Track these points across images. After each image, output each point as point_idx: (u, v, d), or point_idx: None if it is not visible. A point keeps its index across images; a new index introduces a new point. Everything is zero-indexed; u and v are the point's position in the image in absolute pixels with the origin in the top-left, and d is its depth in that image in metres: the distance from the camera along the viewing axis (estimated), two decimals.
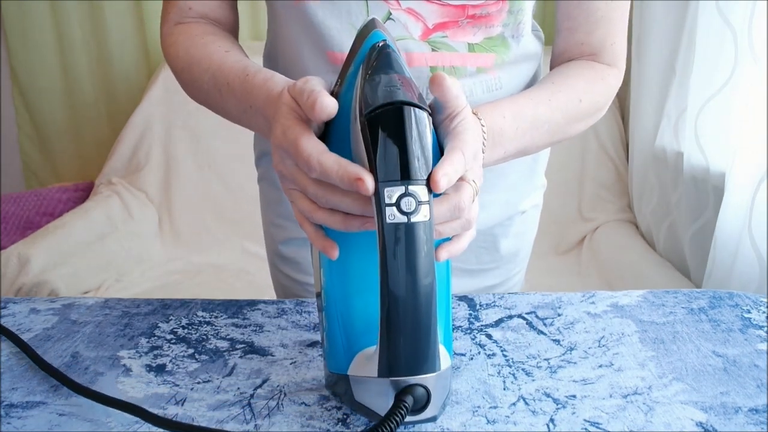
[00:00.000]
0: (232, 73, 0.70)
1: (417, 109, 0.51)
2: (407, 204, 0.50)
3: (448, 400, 0.58)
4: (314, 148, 0.53)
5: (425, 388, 0.52)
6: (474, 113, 0.63)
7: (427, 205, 0.50)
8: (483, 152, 0.64)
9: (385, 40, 0.56)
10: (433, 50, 0.75)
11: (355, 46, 0.58)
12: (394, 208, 0.50)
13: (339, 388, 0.59)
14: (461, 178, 0.55)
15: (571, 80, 0.77)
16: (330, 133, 0.57)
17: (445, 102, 0.56)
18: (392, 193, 0.50)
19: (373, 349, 0.53)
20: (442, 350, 0.54)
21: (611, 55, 0.79)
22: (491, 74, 0.78)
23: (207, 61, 0.73)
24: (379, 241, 0.50)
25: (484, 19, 0.74)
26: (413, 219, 0.50)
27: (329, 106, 0.53)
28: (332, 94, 0.58)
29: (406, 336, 0.50)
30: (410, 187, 0.50)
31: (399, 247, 0.50)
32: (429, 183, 0.50)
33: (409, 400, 0.51)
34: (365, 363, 0.55)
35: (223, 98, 0.72)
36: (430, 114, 0.53)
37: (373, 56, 0.55)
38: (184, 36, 0.78)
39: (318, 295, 0.61)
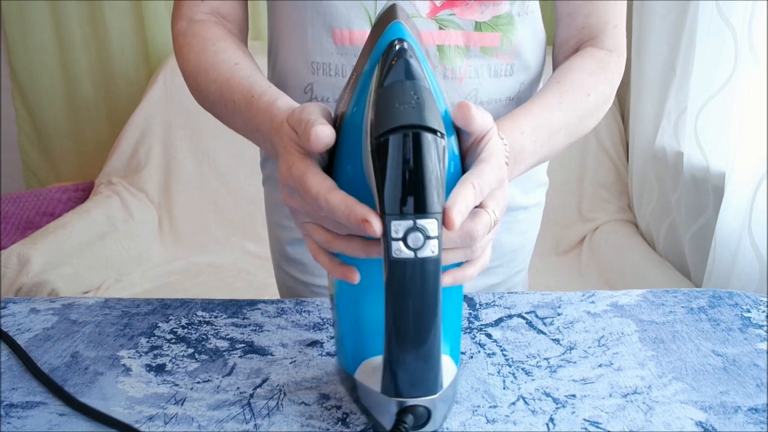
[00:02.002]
0: (238, 90, 0.70)
1: (431, 135, 0.47)
2: (415, 239, 0.47)
3: (450, 411, 0.58)
4: (321, 185, 0.51)
5: (426, 408, 0.52)
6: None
7: (436, 240, 0.48)
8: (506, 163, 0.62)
9: (403, 39, 0.52)
10: (440, 28, 0.75)
11: (372, 36, 0.55)
12: (401, 242, 0.47)
13: (346, 382, 0.60)
14: (480, 205, 0.53)
15: (574, 75, 0.76)
16: (342, 142, 0.54)
17: (471, 131, 0.54)
18: (399, 227, 0.47)
19: (378, 360, 0.53)
20: (447, 362, 0.55)
21: (612, 38, 0.79)
22: (500, 59, 0.78)
23: (215, 71, 0.73)
24: (385, 274, 0.49)
25: None
26: (420, 255, 0.47)
27: (325, 136, 0.51)
28: (345, 93, 0.56)
29: (409, 364, 0.50)
30: (419, 222, 0.47)
31: (405, 282, 0.48)
32: (442, 216, 0.48)
33: (410, 420, 0.52)
34: (371, 373, 0.55)
35: (230, 114, 0.72)
36: (443, 136, 0.49)
37: (389, 59, 0.51)
38: (196, 39, 0.77)
39: (331, 296, 0.61)
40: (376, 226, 0.48)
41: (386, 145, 0.47)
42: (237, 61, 0.74)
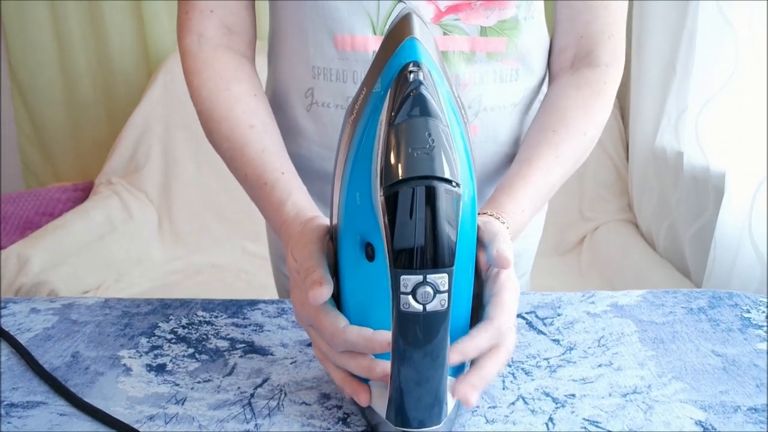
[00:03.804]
0: (250, 167, 0.72)
1: (444, 185, 0.45)
2: (424, 294, 0.47)
3: (455, 425, 0.58)
4: (334, 325, 0.54)
5: None
6: (497, 217, 0.65)
7: (446, 294, 0.47)
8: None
9: (419, 63, 0.49)
10: (444, 33, 0.75)
11: (385, 48, 0.52)
12: (410, 296, 0.47)
13: None
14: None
15: (569, 118, 0.76)
16: (352, 170, 0.52)
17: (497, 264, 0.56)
18: (408, 282, 0.47)
19: (385, 383, 0.53)
20: (451, 384, 0.54)
21: (610, 49, 0.79)
22: (505, 63, 0.78)
23: (228, 127, 0.74)
24: (393, 325, 0.49)
25: (497, 1, 0.74)
26: (429, 308, 0.47)
27: (321, 298, 0.53)
28: (354, 108, 0.55)
29: (414, 402, 0.51)
30: (429, 276, 0.46)
31: (412, 335, 0.48)
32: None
33: None
34: (377, 395, 0.55)
35: (240, 180, 0.74)
36: (458, 185, 0.46)
37: (402, 88, 0.48)
38: (208, 71, 0.77)
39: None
40: (381, 371, 0.52)
41: (396, 196, 0.45)
42: (252, 122, 0.74)
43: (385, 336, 0.51)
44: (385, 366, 0.52)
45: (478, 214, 0.66)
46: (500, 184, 0.72)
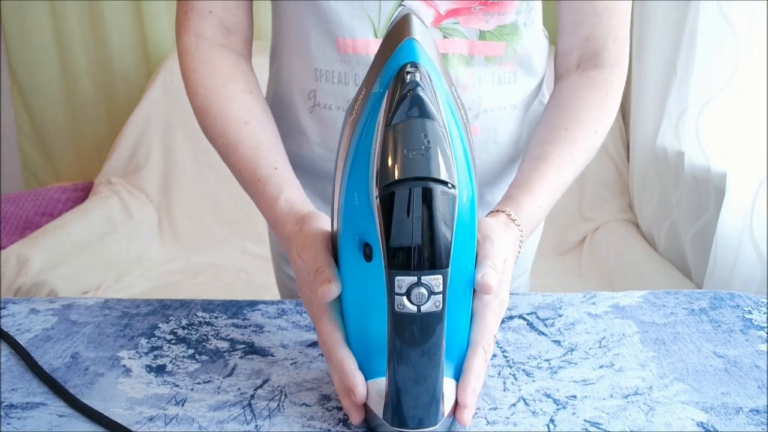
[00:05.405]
0: (244, 163, 0.72)
1: (440, 187, 0.45)
2: (418, 296, 0.47)
3: (454, 426, 0.58)
4: (329, 337, 0.56)
5: None
6: (508, 215, 0.65)
7: (441, 295, 0.48)
8: (519, 251, 0.65)
9: (416, 64, 0.49)
10: (444, 37, 0.75)
11: (384, 49, 0.52)
12: (404, 297, 0.47)
13: None
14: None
15: (581, 116, 0.76)
16: (351, 171, 0.52)
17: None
18: (403, 283, 0.47)
19: (382, 383, 0.53)
20: (451, 385, 0.55)
21: (615, 51, 0.79)
22: (503, 66, 0.78)
23: (222, 124, 0.74)
24: (388, 325, 0.49)
25: (497, 6, 0.75)
26: (423, 309, 0.47)
27: (331, 295, 0.54)
28: (354, 108, 0.55)
29: (410, 403, 0.51)
30: (424, 278, 0.47)
31: (407, 336, 0.49)
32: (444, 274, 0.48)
33: None
34: (374, 395, 0.55)
35: (235, 174, 0.75)
36: (454, 186, 0.46)
37: (399, 89, 0.48)
38: (205, 68, 0.77)
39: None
40: (359, 397, 0.53)
41: (392, 197, 0.45)
42: (246, 118, 0.74)
43: (355, 381, 0.53)
44: (361, 396, 0.53)
45: (494, 211, 0.66)
46: (515, 180, 0.72)
